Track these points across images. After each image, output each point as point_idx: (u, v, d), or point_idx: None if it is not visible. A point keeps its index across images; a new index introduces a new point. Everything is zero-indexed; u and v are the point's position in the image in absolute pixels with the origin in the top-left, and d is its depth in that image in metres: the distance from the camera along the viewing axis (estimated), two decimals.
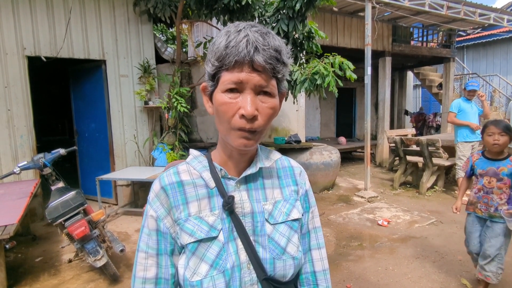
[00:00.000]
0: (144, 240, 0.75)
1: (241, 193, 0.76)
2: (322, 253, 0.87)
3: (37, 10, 4.39)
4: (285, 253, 0.75)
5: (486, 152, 2.59)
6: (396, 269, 3.15)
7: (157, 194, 0.75)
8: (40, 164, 3.14)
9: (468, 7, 6.72)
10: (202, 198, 0.75)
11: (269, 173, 0.82)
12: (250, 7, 4.41)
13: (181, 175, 0.77)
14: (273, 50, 0.66)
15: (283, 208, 0.79)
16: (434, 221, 4.38)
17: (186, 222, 0.73)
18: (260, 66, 0.65)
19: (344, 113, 11.20)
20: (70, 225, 2.60)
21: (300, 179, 0.86)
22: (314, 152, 5.80)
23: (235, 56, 0.64)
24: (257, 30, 0.66)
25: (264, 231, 0.75)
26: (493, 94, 10.76)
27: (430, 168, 5.76)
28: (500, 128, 2.41)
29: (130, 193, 5.29)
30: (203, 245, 0.71)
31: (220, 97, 0.68)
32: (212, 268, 0.70)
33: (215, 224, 0.73)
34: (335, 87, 4.05)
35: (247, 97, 0.66)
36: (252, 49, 0.63)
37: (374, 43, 7.39)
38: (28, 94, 4.43)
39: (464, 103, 5.09)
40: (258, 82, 0.66)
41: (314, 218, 0.87)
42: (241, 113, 0.66)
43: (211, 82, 0.70)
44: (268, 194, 0.79)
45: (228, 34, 0.66)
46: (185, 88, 5.13)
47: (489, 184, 2.49)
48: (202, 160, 0.79)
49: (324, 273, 0.86)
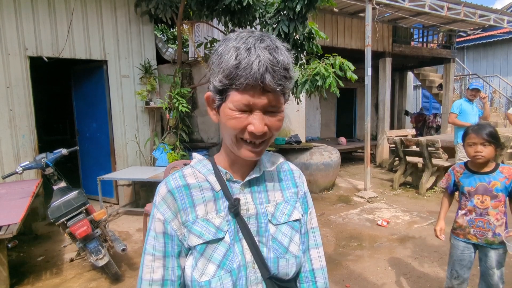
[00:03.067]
0: (151, 243, 0.76)
1: (245, 196, 0.78)
2: (319, 252, 0.90)
3: (39, 10, 4.42)
4: (288, 252, 0.78)
5: (469, 163, 2.13)
6: (395, 269, 3.18)
7: (163, 197, 0.76)
8: (42, 164, 3.16)
9: (468, 8, 6.74)
10: (208, 201, 0.77)
11: (270, 176, 0.85)
12: (251, 8, 4.43)
13: (187, 178, 0.79)
14: (282, 69, 0.66)
15: (284, 210, 0.82)
16: (433, 221, 4.40)
17: (194, 224, 0.75)
18: (270, 87, 0.65)
19: (344, 113, 11.22)
20: (73, 224, 2.63)
21: (299, 181, 0.89)
22: (314, 152, 5.82)
23: (246, 79, 0.63)
24: (266, 46, 0.65)
25: (268, 232, 0.78)
26: (493, 95, 10.79)
27: (430, 168, 5.78)
28: (482, 137, 1.96)
29: (131, 192, 5.32)
30: (211, 246, 0.74)
31: (230, 112, 0.68)
32: (219, 268, 0.73)
33: (221, 226, 0.75)
34: (336, 87, 4.07)
35: (257, 115, 0.68)
36: (263, 70, 0.63)
37: (375, 44, 7.41)
38: (30, 94, 4.45)
39: (466, 104, 5.10)
40: (269, 103, 0.67)
41: (312, 218, 0.90)
42: (251, 129, 0.68)
43: (218, 95, 0.70)
44: (270, 196, 0.82)
45: (237, 51, 0.65)
46: (186, 88, 5.15)
47: (483, 204, 2.03)
48: (206, 164, 0.81)
49: (322, 270, 0.89)
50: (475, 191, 2.06)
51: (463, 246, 2.15)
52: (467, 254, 2.15)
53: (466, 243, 2.14)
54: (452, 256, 2.22)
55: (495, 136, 1.99)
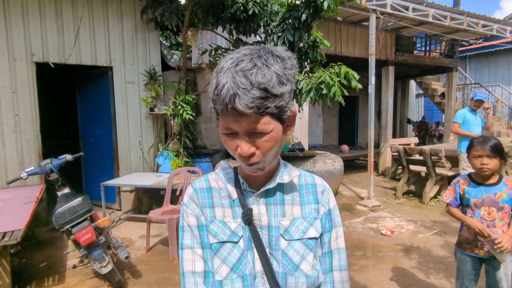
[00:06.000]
0: (188, 237, 0.79)
1: (259, 207, 0.79)
2: (343, 276, 0.85)
3: (47, 17, 4.46)
4: (297, 270, 0.77)
5: (474, 175, 2.14)
6: (400, 279, 3.15)
7: (191, 196, 0.82)
8: (47, 169, 3.15)
9: (472, 18, 6.78)
10: (226, 207, 0.81)
11: (290, 189, 0.83)
12: (256, 17, 4.47)
13: (211, 183, 0.84)
14: (256, 89, 0.62)
15: (300, 226, 0.80)
16: (437, 231, 4.37)
17: (211, 223, 0.79)
18: (241, 111, 0.63)
19: (346, 121, 11.23)
20: (77, 231, 2.62)
21: (322, 197, 0.85)
22: (317, 160, 5.80)
23: (220, 105, 0.64)
24: (242, 67, 0.63)
25: (278, 246, 0.77)
26: (495, 104, 10.79)
27: (433, 177, 5.76)
28: (488, 150, 1.98)
29: (134, 199, 5.30)
30: (225, 247, 0.76)
31: (222, 136, 0.73)
32: (232, 271, 0.75)
33: (236, 231, 0.77)
34: (341, 96, 4.08)
35: (241, 138, 0.69)
36: (231, 96, 0.62)
37: (378, 53, 7.43)
38: (35, 99, 4.48)
39: (469, 113, 5.09)
40: (247, 126, 0.66)
41: (338, 238, 0.85)
42: (238, 152, 0.70)
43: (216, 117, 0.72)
44: (286, 210, 0.81)
45: (216, 75, 0.65)
46: (190, 95, 5.17)
47: (490, 215, 2.02)
48: (229, 173, 0.85)
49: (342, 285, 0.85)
50: (481, 203, 2.04)
51: (471, 261, 2.12)
52: (475, 268, 2.13)
53: (473, 257, 2.11)
54: (461, 271, 2.19)
55: (500, 149, 2.01)
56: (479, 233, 1.96)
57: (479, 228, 1.95)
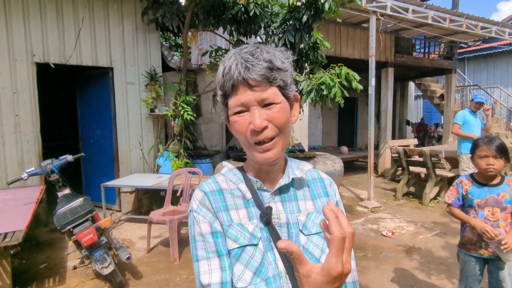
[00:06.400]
0: (201, 247, 0.73)
1: (276, 204, 0.78)
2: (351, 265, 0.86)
3: (47, 18, 4.45)
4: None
5: (476, 175, 2.14)
6: (402, 280, 3.15)
7: (201, 201, 0.77)
8: (48, 170, 3.15)
9: (470, 20, 6.81)
10: (240, 208, 0.77)
11: (300, 185, 0.84)
12: (257, 18, 4.47)
13: (220, 184, 0.80)
14: (263, 61, 0.69)
15: (316, 220, 0.80)
16: (438, 232, 4.38)
17: (229, 228, 0.75)
18: (253, 80, 0.68)
19: (346, 122, 11.24)
20: (79, 232, 2.61)
21: (330, 190, 0.87)
22: (317, 161, 5.80)
23: (230, 81, 0.69)
24: (247, 50, 0.71)
25: (299, 242, 0.77)
26: (494, 105, 10.83)
27: (433, 179, 5.77)
28: (494, 150, 1.99)
29: (134, 200, 5.29)
30: (247, 252, 0.73)
31: (232, 119, 0.73)
32: (255, 275, 0.72)
33: (254, 232, 0.75)
34: (341, 97, 4.09)
35: (253, 112, 0.70)
36: (242, 68, 0.68)
37: (377, 54, 7.45)
38: (36, 100, 4.47)
39: (469, 115, 5.11)
40: (258, 97, 0.70)
41: None
42: (251, 128, 0.70)
43: (225, 109, 0.76)
44: (301, 205, 0.81)
45: (223, 62, 0.72)
46: (191, 96, 5.17)
47: (493, 216, 2.02)
48: (236, 173, 0.82)
49: (354, 285, 0.86)
50: (485, 203, 2.05)
51: (475, 261, 2.13)
52: (479, 268, 2.13)
53: (477, 257, 2.11)
54: (465, 272, 2.18)
55: (505, 149, 2.01)
56: (485, 234, 1.95)
57: (486, 230, 1.94)
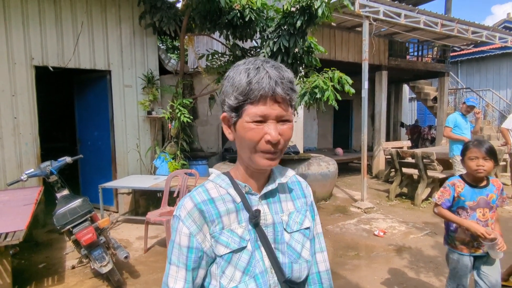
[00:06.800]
0: (176, 254, 0.81)
1: (263, 207, 0.86)
2: (324, 256, 0.98)
3: (46, 22, 4.53)
4: (300, 257, 0.87)
5: (466, 177, 2.19)
6: (392, 278, 3.25)
7: (189, 211, 0.81)
8: (47, 171, 3.22)
9: (461, 25, 6.97)
10: (230, 212, 0.83)
11: (282, 188, 0.93)
12: (252, 23, 4.57)
13: (210, 192, 0.84)
14: (288, 81, 0.77)
15: (296, 218, 0.90)
16: (428, 232, 4.49)
17: (220, 235, 0.81)
18: (280, 97, 0.75)
19: (341, 124, 11.39)
20: (78, 231, 2.69)
21: (307, 191, 0.98)
22: (312, 163, 5.92)
23: (259, 91, 0.74)
24: (272, 65, 0.77)
25: (283, 239, 0.86)
26: (486, 108, 11.01)
27: (425, 180, 5.89)
28: (484, 152, 2.06)
29: (131, 201, 5.36)
30: (236, 254, 0.81)
31: (247, 125, 0.77)
32: (244, 274, 0.80)
33: (243, 235, 0.82)
34: (334, 100, 4.20)
35: (271, 125, 0.76)
36: (273, 83, 0.74)
37: (371, 58, 7.59)
38: (34, 102, 4.54)
39: (460, 118, 5.25)
40: (280, 113, 0.77)
41: (317, 225, 0.98)
42: (267, 139, 0.76)
43: (234, 113, 0.79)
44: (283, 206, 0.90)
45: (248, 71, 0.76)
46: (188, 99, 5.26)
47: (484, 216, 2.12)
48: (224, 178, 0.88)
49: (327, 273, 0.98)
50: (477, 205, 2.12)
51: (468, 260, 2.18)
52: (469, 266, 2.20)
53: (469, 256, 2.18)
54: (457, 271, 2.22)
55: (494, 151, 2.09)
56: (481, 235, 2.01)
57: (481, 232, 2.01)
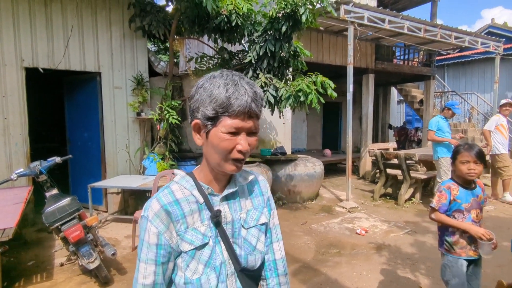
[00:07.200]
0: (145, 252, 0.90)
1: (224, 206, 0.98)
2: (280, 245, 1.10)
3: (37, 24, 4.61)
4: (255, 250, 1.00)
5: (460, 180, 2.22)
6: (369, 274, 3.40)
7: (156, 212, 0.89)
8: (36, 171, 3.29)
9: (445, 30, 7.20)
10: (194, 212, 0.93)
11: (241, 187, 1.05)
12: (239, 28, 4.71)
13: (176, 194, 0.93)
14: (260, 99, 0.88)
15: (253, 215, 1.03)
16: (408, 231, 4.67)
17: (185, 233, 0.91)
18: (254, 113, 0.86)
19: (330, 126, 11.58)
20: (67, 229, 2.78)
21: (264, 189, 1.09)
22: (298, 163, 6.06)
23: (238, 107, 0.83)
24: (247, 82, 0.87)
25: (240, 235, 0.99)
26: (471, 111, 11.31)
27: (408, 180, 6.08)
28: (474, 156, 2.11)
29: (120, 200, 5.44)
30: (199, 251, 0.92)
31: (222, 135, 0.86)
32: (206, 267, 0.92)
33: (206, 233, 0.93)
34: (317, 103, 4.35)
35: (243, 137, 0.87)
36: (250, 100, 0.84)
37: (358, 61, 7.79)
38: (24, 103, 4.60)
39: (442, 121, 5.47)
40: (251, 127, 0.88)
41: (274, 217, 1.10)
42: (239, 149, 0.87)
43: (209, 122, 0.87)
44: (242, 204, 1.02)
45: (226, 86, 0.84)
46: (176, 101, 5.37)
47: (477, 217, 2.16)
48: (188, 180, 0.97)
49: (282, 260, 1.11)
50: (471, 206, 2.16)
51: (465, 265, 2.18)
52: (465, 269, 2.19)
53: (465, 260, 2.17)
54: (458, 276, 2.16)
55: (484, 155, 2.16)
56: (482, 237, 2.02)
57: (481, 233, 2.03)
